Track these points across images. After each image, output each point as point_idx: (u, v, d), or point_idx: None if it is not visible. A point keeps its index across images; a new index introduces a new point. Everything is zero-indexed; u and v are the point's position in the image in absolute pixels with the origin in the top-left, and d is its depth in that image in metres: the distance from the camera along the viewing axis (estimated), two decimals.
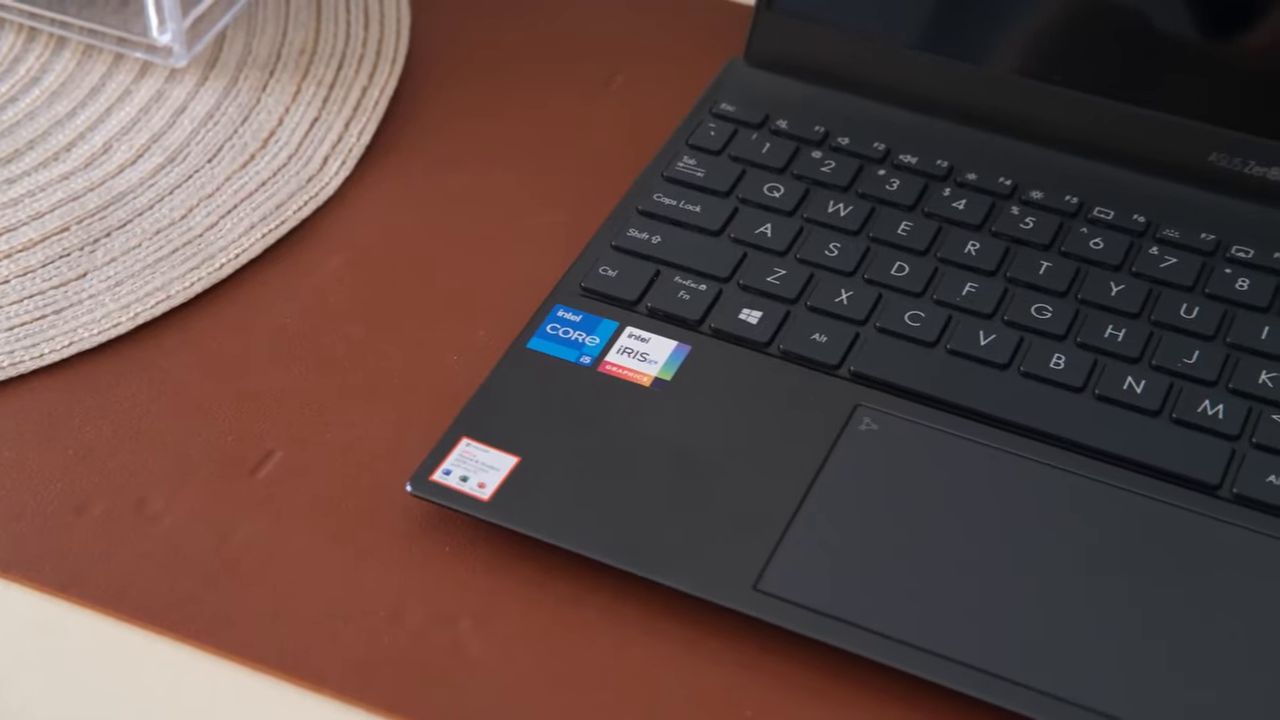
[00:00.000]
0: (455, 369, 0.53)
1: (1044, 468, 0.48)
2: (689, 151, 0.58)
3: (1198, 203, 0.56)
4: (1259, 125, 0.55)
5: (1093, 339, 0.51)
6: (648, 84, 0.64)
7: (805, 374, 0.51)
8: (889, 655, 0.44)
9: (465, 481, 0.48)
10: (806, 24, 0.60)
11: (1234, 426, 0.49)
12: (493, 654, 0.45)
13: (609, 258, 0.55)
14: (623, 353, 0.52)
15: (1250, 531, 0.47)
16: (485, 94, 0.63)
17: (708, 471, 0.49)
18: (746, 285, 0.54)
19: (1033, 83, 0.58)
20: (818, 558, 0.46)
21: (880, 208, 0.56)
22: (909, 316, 0.52)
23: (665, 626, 0.46)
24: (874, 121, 0.59)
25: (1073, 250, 0.54)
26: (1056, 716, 0.43)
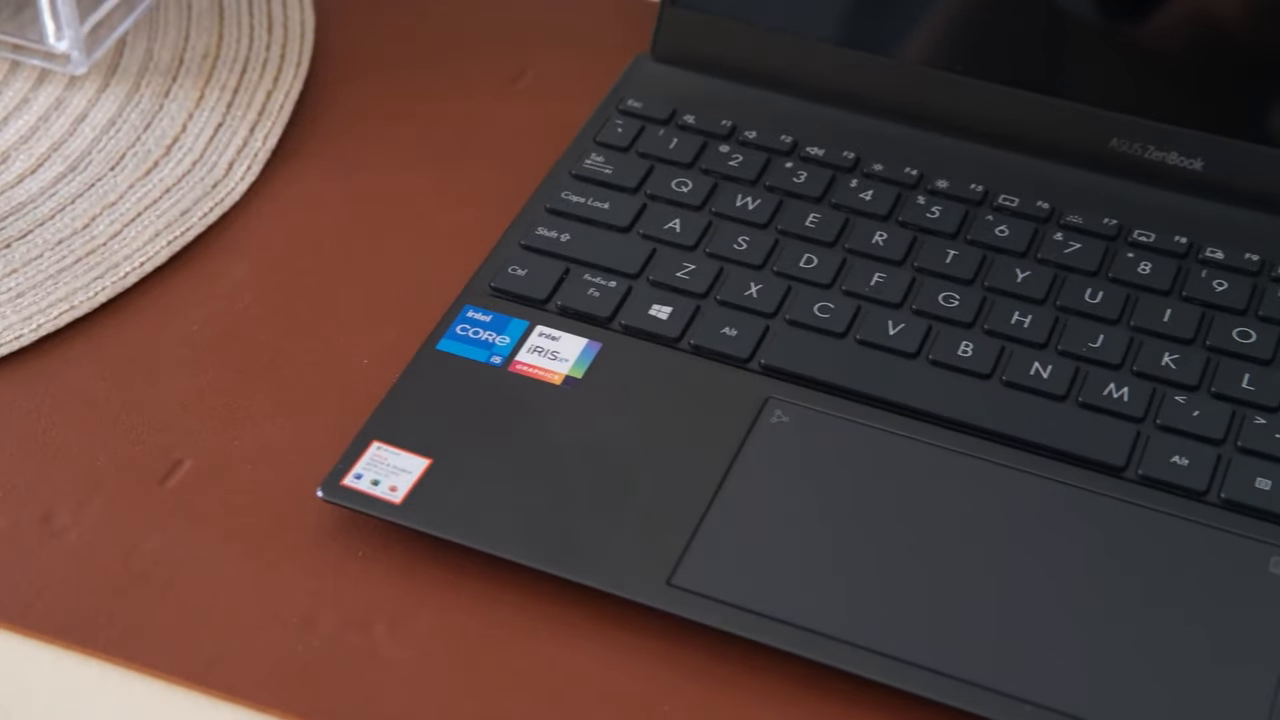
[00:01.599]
0: (366, 373, 0.53)
1: (954, 455, 0.49)
2: (597, 149, 0.58)
3: (1100, 188, 0.56)
4: (1158, 110, 0.56)
5: (999, 326, 0.52)
6: (556, 81, 0.64)
7: (716, 368, 0.51)
8: (803, 646, 0.44)
9: (377, 485, 0.48)
10: (712, 18, 0.60)
11: (1138, 409, 0.49)
12: (408, 657, 0.45)
13: (518, 257, 0.55)
14: (533, 352, 0.52)
15: (1156, 512, 0.47)
16: (392, 95, 0.63)
17: (620, 468, 0.49)
18: (656, 281, 0.54)
19: (936, 73, 0.58)
20: (731, 551, 0.47)
21: (788, 200, 0.56)
22: (818, 308, 0.53)
23: (580, 624, 0.46)
24: (781, 115, 0.59)
25: (978, 238, 0.55)
26: (970, 702, 0.43)
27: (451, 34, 0.66)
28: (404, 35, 0.65)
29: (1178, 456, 0.48)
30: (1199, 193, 0.56)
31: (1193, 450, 0.48)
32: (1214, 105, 0.56)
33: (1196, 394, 0.50)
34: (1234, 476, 0.47)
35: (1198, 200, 0.56)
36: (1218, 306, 0.52)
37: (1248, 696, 0.43)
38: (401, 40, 0.65)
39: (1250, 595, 0.45)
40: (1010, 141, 0.57)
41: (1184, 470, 0.48)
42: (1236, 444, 0.48)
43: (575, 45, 0.65)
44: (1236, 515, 0.47)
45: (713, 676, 0.45)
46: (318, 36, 0.64)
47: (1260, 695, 0.43)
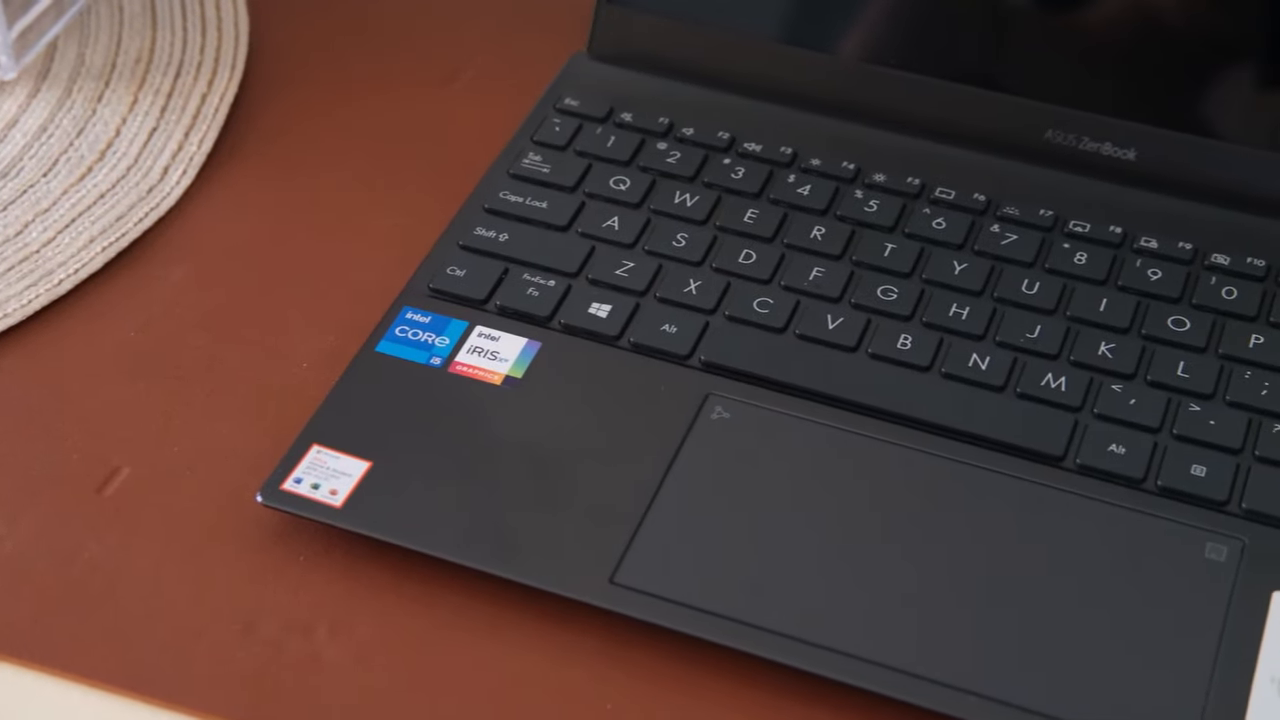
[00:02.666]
0: (305, 376, 0.52)
1: (894, 447, 0.49)
2: (534, 148, 0.58)
3: (1036, 180, 0.57)
4: (1092, 102, 0.56)
5: (937, 318, 0.52)
6: (493, 80, 0.63)
7: (656, 365, 0.51)
8: (746, 642, 0.45)
9: (317, 489, 0.48)
10: (648, 16, 0.60)
11: (1076, 398, 0.50)
12: (349, 661, 0.45)
13: (457, 257, 0.54)
14: (473, 352, 0.52)
15: (1094, 500, 0.47)
16: (328, 97, 0.62)
17: (561, 467, 0.48)
18: (595, 279, 0.54)
19: (872, 67, 0.59)
20: (674, 548, 0.47)
21: (726, 196, 0.56)
22: (757, 303, 0.53)
23: (523, 624, 0.46)
24: (718, 111, 0.59)
25: (916, 231, 0.55)
26: (915, 694, 0.43)
27: (388, 34, 0.65)
28: (339, 36, 0.65)
29: (1115, 445, 0.48)
30: (1133, 183, 0.56)
31: (1129, 439, 0.49)
32: (1147, 96, 0.56)
33: (1133, 383, 0.50)
34: (1170, 464, 0.48)
35: (1132, 190, 0.56)
36: (1152, 295, 0.53)
37: (1185, 680, 0.43)
38: (337, 41, 0.65)
39: (1187, 581, 0.45)
40: (946, 135, 0.58)
41: (1121, 458, 0.48)
42: (1172, 431, 0.49)
43: (512, 44, 0.65)
44: (1173, 502, 0.47)
45: (657, 673, 0.45)
46: (252, 39, 0.64)
47: (1198, 678, 0.43)
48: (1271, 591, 0.45)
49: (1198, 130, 0.56)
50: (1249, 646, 0.44)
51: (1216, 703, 0.43)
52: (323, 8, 0.66)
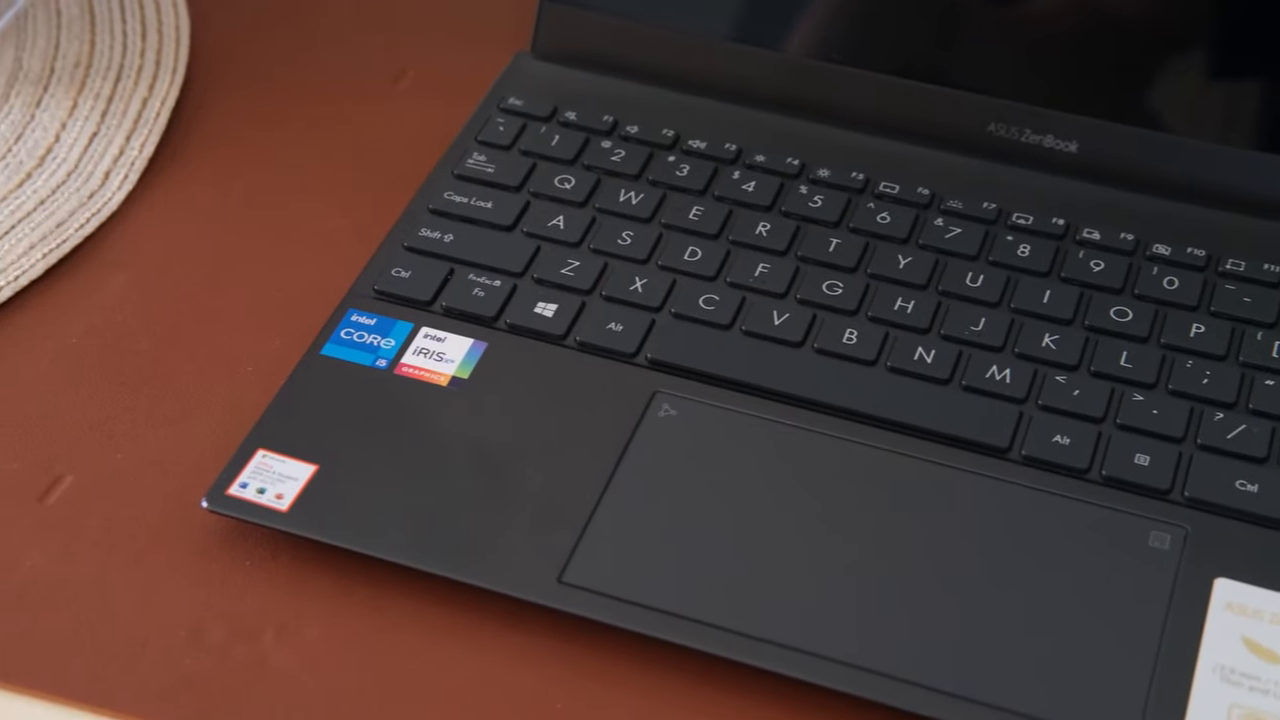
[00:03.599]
0: (250, 381, 0.52)
1: (842, 442, 0.49)
2: (478, 148, 0.58)
3: (979, 173, 0.57)
4: (1033, 94, 0.57)
5: (883, 313, 0.52)
6: (437, 81, 0.63)
7: (603, 364, 0.51)
8: (696, 639, 0.45)
9: (263, 494, 0.48)
10: (591, 14, 0.60)
11: (1020, 390, 0.50)
12: (297, 666, 0.45)
13: (402, 259, 0.54)
14: (419, 353, 0.51)
15: (1040, 491, 0.48)
16: (271, 100, 0.62)
17: (509, 467, 0.48)
18: (541, 279, 0.53)
19: (815, 63, 0.59)
20: (621, 547, 0.47)
21: (671, 194, 0.56)
22: (703, 300, 0.53)
23: (471, 625, 0.46)
24: (662, 108, 0.59)
25: (861, 226, 0.55)
26: (865, 688, 0.43)
27: (330, 36, 0.65)
28: (282, 38, 0.65)
29: (1059, 436, 0.49)
30: (1075, 175, 0.56)
31: (1074, 429, 0.49)
32: (1088, 89, 0.57)
33: (1076, 373, 0.50)
34: (1114, 453, 0.48)
35: (1074, 182, 0.56)
36: (1095, 286, 0.53)
37: (1129, 667, 0.43)
38: (279, 43, 0.64)
39: (1131, 569, 0.46)
40: (890, 129, 0.58)
41: (1066, 449, 0.48)
42: (1116, 421, 0.49)
43: (455, 44, 0.65)
44: (1117, 491, 0.47)
45: (606, 672, 0.45)
46: (193, 42, 0.63)
47: (1141, 666, 0.43)
48: (1214, 578, 0.45)
49: (1138, 122, 0.56)
50: (1191, 633, 0.44)
51: (1160, 690, 0.43)
52: (264, 10, 0.66)
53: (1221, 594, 0.45)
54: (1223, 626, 0.44)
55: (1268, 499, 0.47)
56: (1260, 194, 0.55)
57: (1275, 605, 0.44)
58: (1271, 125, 0.55)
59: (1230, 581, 0.45)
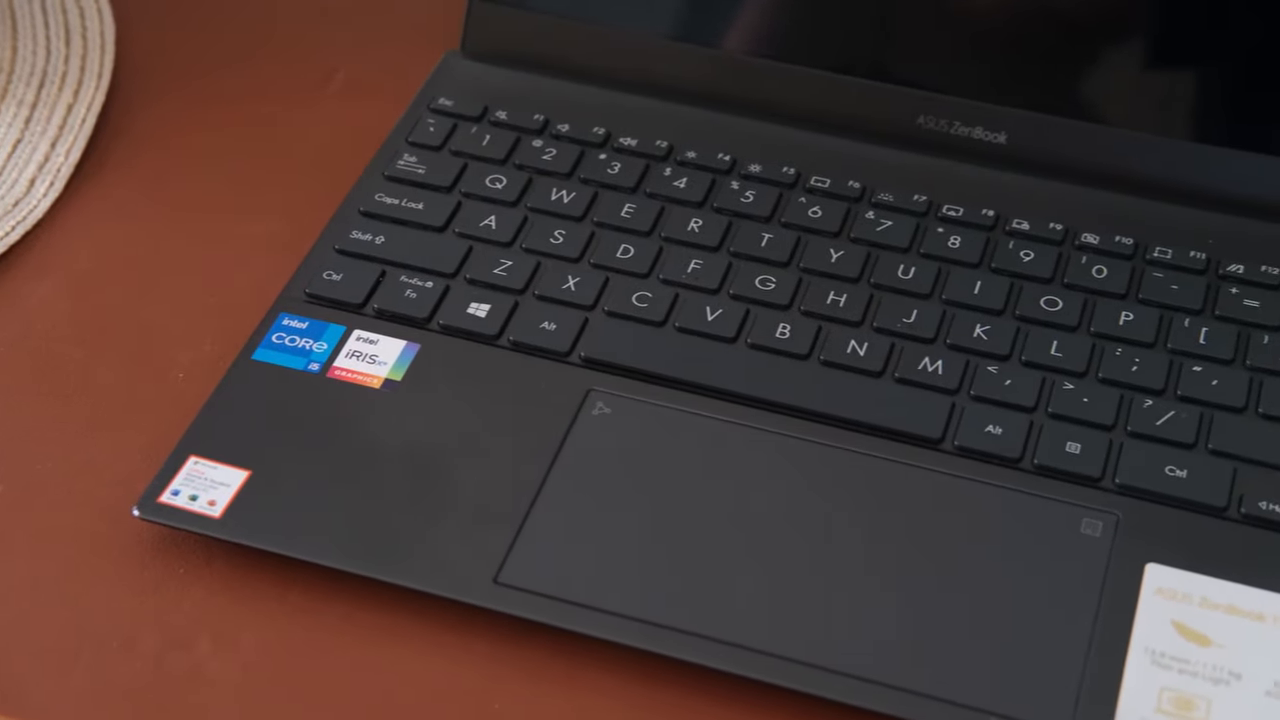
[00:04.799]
0: (181, 387, 0.52)
1: (776, 437, 0.49)
2: (409, 149, 0.58)
3: (910, 166, 0.57)
4: (961, 87, 0.57)
5: (815, 306, 0.52)
6: (367, 82, 0.63)
7: (537, 363, 0.51)
8: (633, 637, 0.45)
9: (195, 500, 0.47)
10: (520, 13, 0.60)
11: (953, 381, 0.50)
12: (233, 673, 0.44)
13: (333, 261, 0.54)
14: (351, 356, 0.51)
15: (973, 481, 0.48)
16: (199, 103, 0.62)
17: (443, 469, 0.48)
18: (473, 279, 0.53)
19: (745, 59, 0.59)
20: (557, 546, 0.47)
21: (603, 192, 0.56)
22: (636, 298, 0.53)
23: (408, 628, 0.46)
24: (593, 106, 0.59)
25: (792, 220, 0.55)
26: (805, 682, 0.44)
27: (258, 38, 0.65)
28: (209, 42, 0.64)
29: (992, 426, 0.49)
30: (1005, 166, 0.57)
31: (1006, 419, 0.49)
32: (1016, 81, 0.57)
33: (1008, 363, 0.51)
34: (1046, 442, 0.48)
35: (1004, 173, 0.57)
36: (1025, 276, 0.53)
37: (1063, 653, 0.44)
38: (207, 47, 0.64)
39: (1064, 557, 0.46)
40: (820, 124, 0.58)
41: (998, 439, 0.49)
42: (1047, 410, 0.49)
43: (385, 45, 0.64)
44: (1049, 480, 0.48)
45: (544, 672, 0.45)
46: (119, 47, 0.63)
47: (1075, 651, 0.44)
48: (1144, 564, 0.45)
49: (1066, 113, 0.56)
50: (1123, 619, 0.44)
51: (1092, 674, 0.43)
52: (191, 13, 0.65)
53: (1152, 579, 0.45)
54: (1153, 611, 0.44)
55: (1196, 484, 0.47)
56: (1186, 182, 0.55)
57: (1204, 589, 0.45)
58: (1198, 114, 0.56)
59: (1160, 567, 0.45)
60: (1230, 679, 0.43)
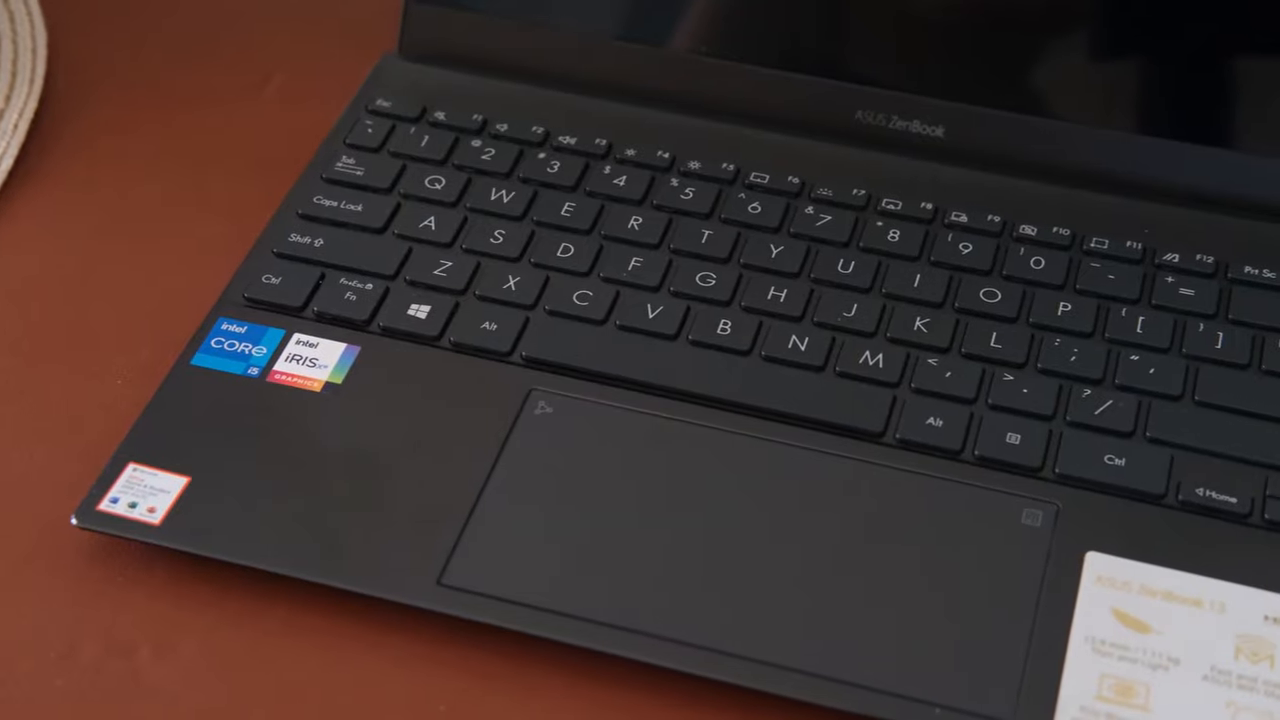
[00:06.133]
0: (120, 394, 0.51)
1: (719, 433, 0.49)
2: (347, 151, 0.57)
3: (848, 160, 0.57)
4: (899, 81, 0.57)
5: (756, 302, 0.53)
6: (305, 84, 0.63)
7: (478, 363, 0.51)
8: (577, 635, 0.44)
9: (134, 508, 0.47)
10: (457, 13, 0.60)
11: (893, 374, 0.50)
12: (173, 680, 0.44)
13: (272, 265, 0.54)
14: (291, 360, 0.51)
15: (915, 474, 0.48)
16: (135, 108, 0.61)
17: (385, 471, 0.48)
18: (413, 280, 0.53)
19: (683, 56, 0.59)
20: (500, 546, 0.46)
21: (543, 191, 0.56)
22: (577, 296, 0.53)
23: (351, 631, 0.45)
24: (532, 105, 0.59)
25: (732, 216, 0.55)
26: (751, 678, 0.44)
27: (195, 42, 0.64)
28: (145, 45, 0.64)
29: (933, 418, 0.49)
30: (943, 159, 0.57)
31: (946, 411, 0.49)
32: (953, 74, 0.57)
33: (948, 355, 0.51)
34: (986, 433, 0.49)
35: (942, 166, 0.57)
36: (964, 268, 0.54)
37: (1005, 643, 0.44)
38: (143, 51, 0.63)
39: (1005, 547, 0.46)
40: (759, 120, 0.58)
41: (939, 431, 0.49)
42: (987, 402, 0.50)
43: (323, 47, 0.64)
44: (990, 471, 0.48)
45: (489, 673, 0.45)
46: (52, 51, 0.62)
47: (1017, 641, 0.44)
48: (1084, 552, 0.46)
49: (1003, 106, 0.57)
50: (1064, 607, 0.45)
51: (1034, 663, 0.44)
52: (126, 16, 0.65)
53: (1092, 567, 0.45)
54: (1093, 599, 0.45)
55: (1135, 472, 0.47)
56: (1121, 173, 0.56)
57: (1143, 576, 0.45)
58: (1132, 106, 0.56)
59: (1100, 555, 0.46)
60: (1169, 664, 0.43)
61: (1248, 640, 0.43)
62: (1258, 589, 0.45)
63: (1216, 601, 0.44)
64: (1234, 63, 0.55)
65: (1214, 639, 0.43)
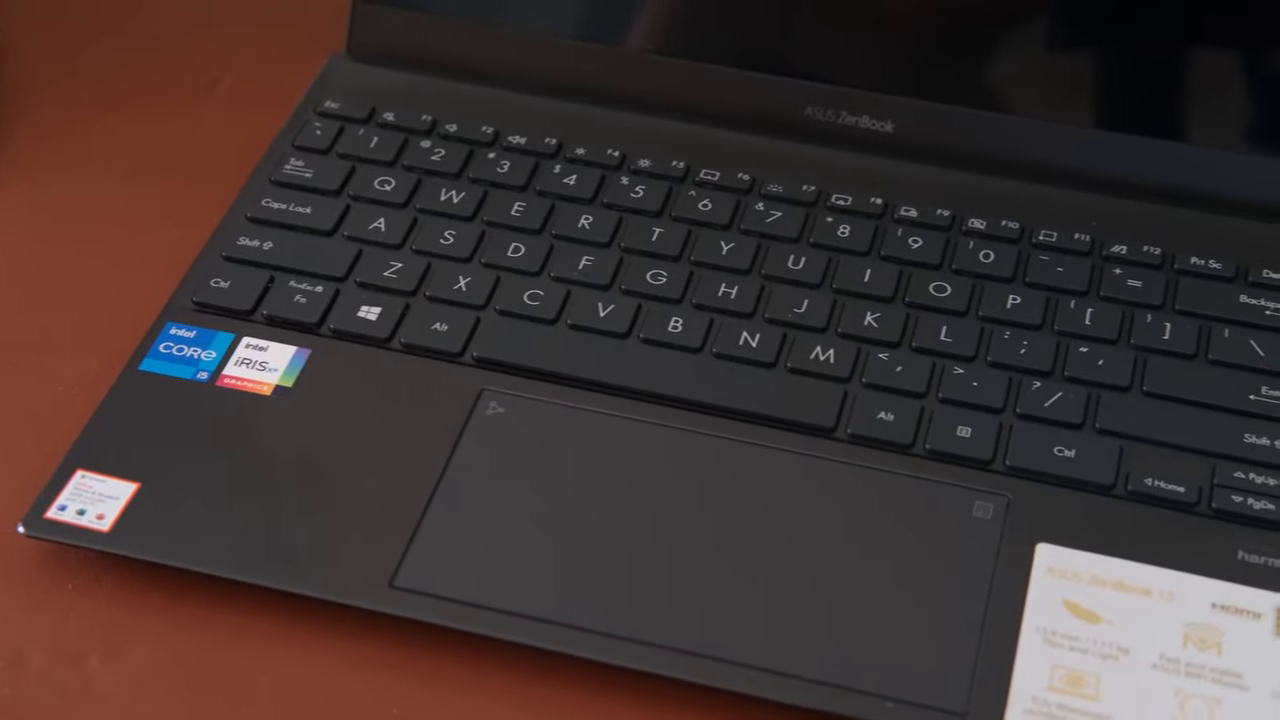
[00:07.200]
0: (67, 400, 0.51)
1: (671, 431, 0.49)
2: (296, 153, 0.57)
3: (798, 156, 0.57)
4: (848, 77, 0.57)
5: (707, 299, 0.53)
6: (254, 87, 0.62)
7: (429, 365, 0.51)
8: (530, 635, 0.44)
9: (83, 515, 0.47)
10: (405, 13, 0.60)
11: (845, 369, 0.51)
12: (124, 688, 0.44)
13: (220, 269, 0.53)
14: (241, 364, 0.51)
15: (867, 469, 0.48)
16: (83, 110, 0.61)
17: (337, 474, 0.48)
18: (364, 282, 0.53)
19: (632, 54, 0.59)
20: (453, 548, 0.46)
21: (493, 191, 0.56)
22: (528, 296, 0.53)
23: (304, 636, 0.45)
24: (481, 105, 0.59)
25: (683, 214, 0.55)
26: (707, 675, 0.44)
27: (143, 45, 0.64)
28: (94, 47, 0.63)
29: (884, 412, 0.49)
30: (892, 154, 0.57)
31: (897, 405, 0.49)
32: (901, 69, 0.57)
33: (898, 350, 0.51)
34: (937, 427, 0.49)
35: (891, 161, 0.57)
36: (914, 263, 0.54)
37: (957, 635, 0.44)
38: (91, 52, 0.63)
39: (957, 540, 0.46)
40: (709, 117, 0.58)
41: (890, 425, 0.49)
42: (938, 395, 0.50)
43: (272, 49, 0.64)
44: (941, 464, 0.48)
45: (441, 675, 0.45)
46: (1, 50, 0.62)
47: (969, 633, 0.44)
48: (1035, 544, 0.46)
49: (951, 100, 0.57)
50: (1015, 599, 0.45)
51: (987, 654, 0.44)
52: (75, 18, 0.64)
53: (1043, 559, 0.46)
54: (1044, 590, 0.45)
55: (1084, 464, 0.48)
56: (1069, 166, 0.56)
57: (1093, 567, 0.45)
58: (1080, 99, 0.57)
59: (1051, 546, 0.46)
60: (1119, 654, 0.43)
61: (1195, 628, 0.44)
62: (1205, 577, 0.45)
63: (1165, 590, 0.44)
64: (1179, 56, 0.56)
65: (1163, 628, 0.44)
